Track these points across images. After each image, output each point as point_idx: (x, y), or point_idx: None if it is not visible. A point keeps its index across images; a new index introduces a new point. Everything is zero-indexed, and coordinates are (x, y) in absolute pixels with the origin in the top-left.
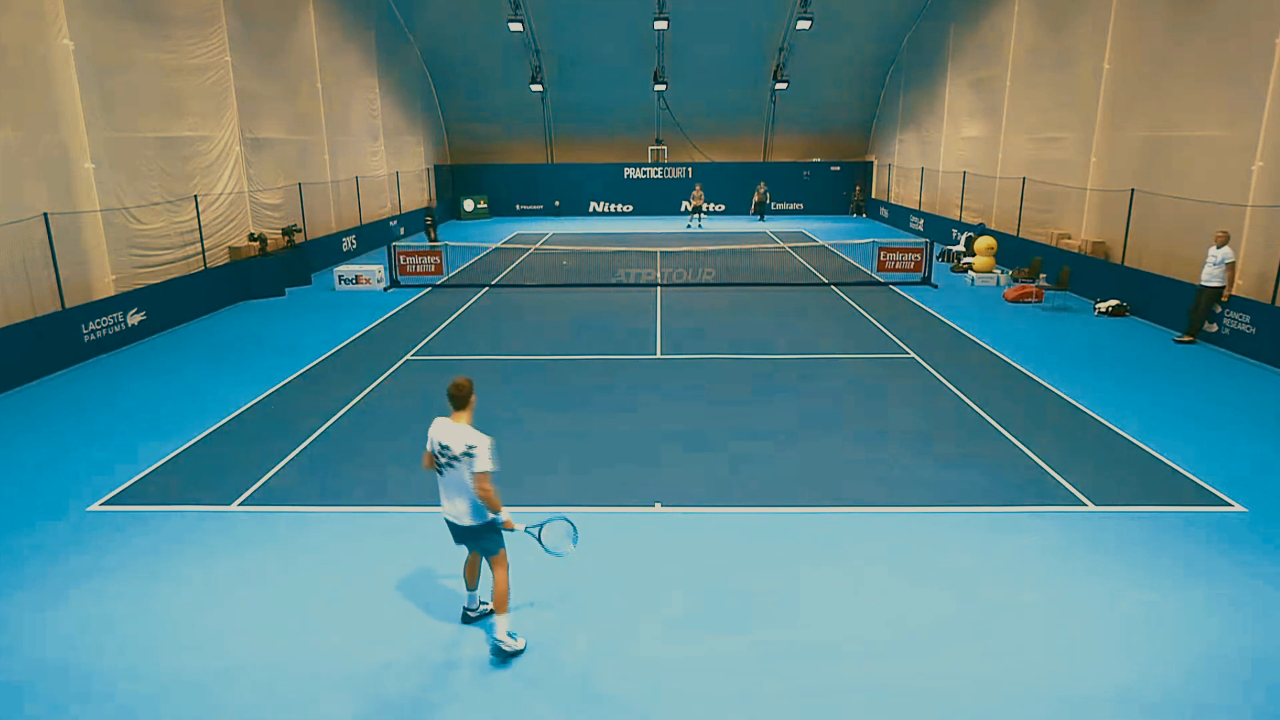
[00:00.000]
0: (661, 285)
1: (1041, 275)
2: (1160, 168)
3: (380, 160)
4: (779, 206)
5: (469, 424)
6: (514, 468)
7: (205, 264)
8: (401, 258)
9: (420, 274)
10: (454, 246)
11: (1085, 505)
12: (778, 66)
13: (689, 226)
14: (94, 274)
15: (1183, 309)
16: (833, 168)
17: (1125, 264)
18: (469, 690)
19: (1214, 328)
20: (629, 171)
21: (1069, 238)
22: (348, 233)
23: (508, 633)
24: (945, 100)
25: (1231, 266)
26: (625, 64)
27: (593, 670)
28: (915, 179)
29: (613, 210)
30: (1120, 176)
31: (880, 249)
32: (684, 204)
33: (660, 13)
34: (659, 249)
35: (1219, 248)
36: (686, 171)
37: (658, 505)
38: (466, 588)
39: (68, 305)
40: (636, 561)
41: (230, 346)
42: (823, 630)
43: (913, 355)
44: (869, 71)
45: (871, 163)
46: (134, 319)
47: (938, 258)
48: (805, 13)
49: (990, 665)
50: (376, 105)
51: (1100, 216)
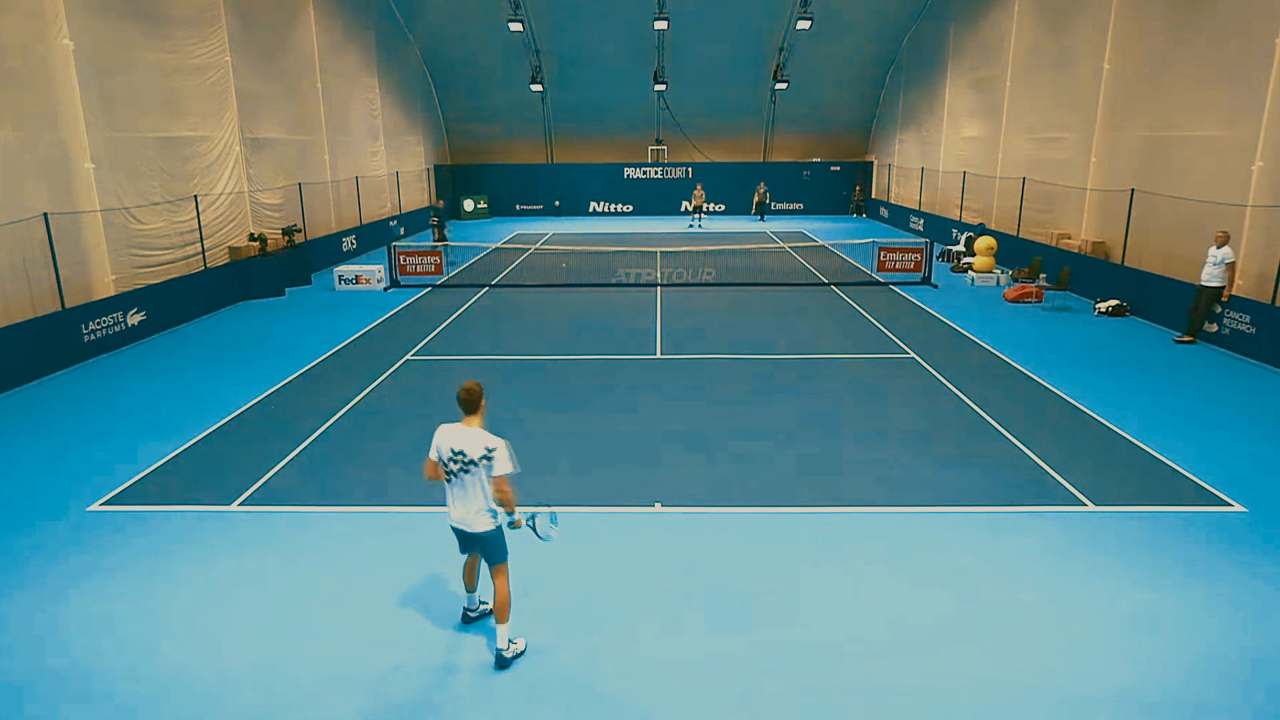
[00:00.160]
0: (661, 285)
1: (1041, 275)
2: (1160, 168)
3: (380, 160)
4: (779, 206)
5: (482, 427)
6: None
7: (205, 264)
8: (401, 258)
9: (420, 274)
10: (454, 246)
11: (1085, 505)
12: (778, 66)
13: (691, 226)
14: (94, 274)
15: (1183, 309)
16: (833, 168)
17: (1125, 264)
18: (469, 690)
19: (1214, 328)
20: (629, 171)
21: (1069, 238)
22: (348, 233)
23: (509, 639)
24: (945, 100)
25: (1231, 266)
26: (625, 64)
27: (593, 670)
28: (915, 179)
29: (613, 210)
30: (1120, 176)
31: (880, 249)
32: (684, 204)
33: (660, 13)
34: (659, 249)
35: (1219, 248)
36: (686, 171)
37: (658, 505)
38: (466, 590)
39: (68, 305)
40: (636, 561)
41: (230, 346)
42: (823, 630)
43: (913, 355)
44: (869, 71)
45: (871, 163)
46: (134, 319)
47: (938, 258)
48: (805, 13)
49: (990, 665)
50: (376, 105)
51: (1100, 216)
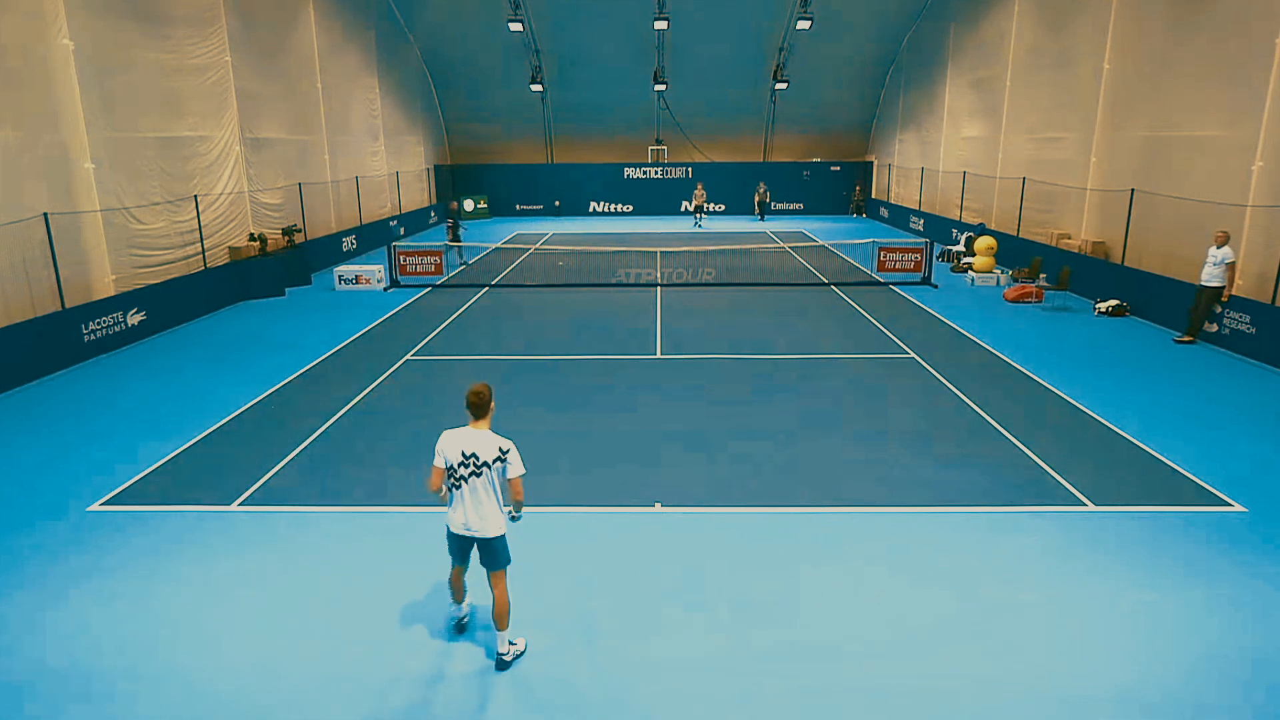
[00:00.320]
0: (661, 285)
1: (1041, 275)
2: (1160, 168)
3: (380, 160)
4: (779, 206)
5: (489, 429)
6: None
7: (205, 264)
8: (401, 258)
9: (420, 274)
10: (454, 246)
11: (1085, 505)
12: (778, 66)
13: (697, 226)
14: (94, 274)
15: (1183, 309)
16: (833, 168)
17: (1125, 264)
18: (470, 690)
19: (1214, 328)
20: (629, 171)
21: (1069, 238)
22: (348, 233)
23: (509, 640)
24: (945, 100)
25: (1231, 266)
26: (625, 64)
27: (593, 670)
28: (915, 179)
29: (613, 210)
30: (1120, 176)
31: (880, 249)
32: (684, 204)
33: (660, 13)
34: (659, 249)
35: (1219, 248)
36: (686, 171)
37: (658, 505)
38: (453, 599)
39: (68, 305)
40: (636, 561)
41: (230, 346)
42: (823, 630)
43: (913, 355)
44: (869, 71)
45: (871, 163)
46: (134, 319)
47: (938, 258)
48: (805, 13)
49: (990, 665)
50: (376, 105)
51: (1100, 216)
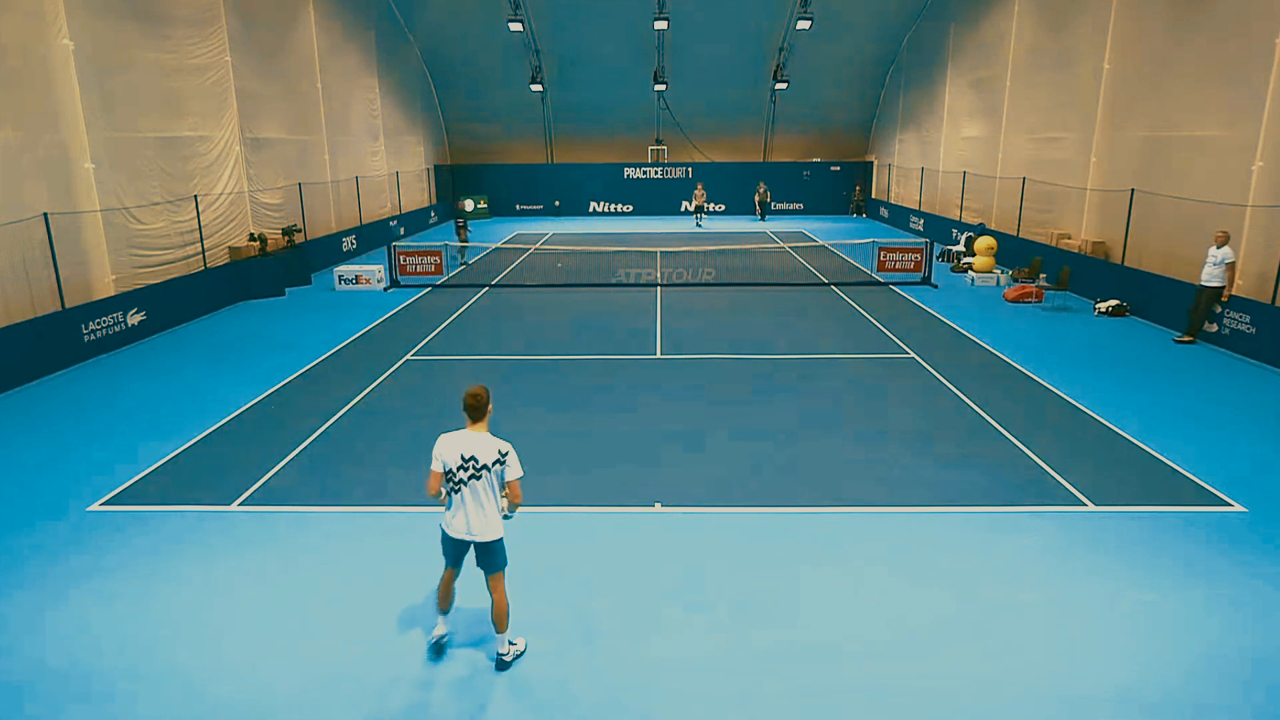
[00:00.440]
0: (661, 285)
1: (1041, 275)
2: (1160, 168)
3: (380, 160)
4: (779, 206)
5: (487, 432)
6: None
7: (205, 264)
8: (401, 258)
9: (420, 274)
10: (454, 246)
11: (1085, 505)
12: (778, 66)
13: (697, 225)
14: (94, 274)
15: (1183, 309)
16: (833, 168)
17: (1125, 264)
18: (470, 690)
19: (1214, 328)
20: (629, 171)
21: (1069, 238)
22: (348, 233)
23: (509, 640)
24: (945, 100)
25: (1231, 266)
26: (625, 64)
27: (593, 671)
28: (915, 179)
29: (613, 210)
30: (1120, 176)
31: (880, 249)
32: (684, 204)
33: (660, 13)
34: (659, 249)
35: (1219, 248)
36: (686, 171)
37: (658, 505)
38: (439, 607)
39: (68, 305)
40: (636, 561)
41: (230, 346)
42: (823, 630)
43: (913, 355)
44: (869, 71)
45: (871, 163)
46: (134, 319)
47: (938, 258)
48: (805, 13)
49: (990, 665)
50: (376, 105)
51: (1100, 216)
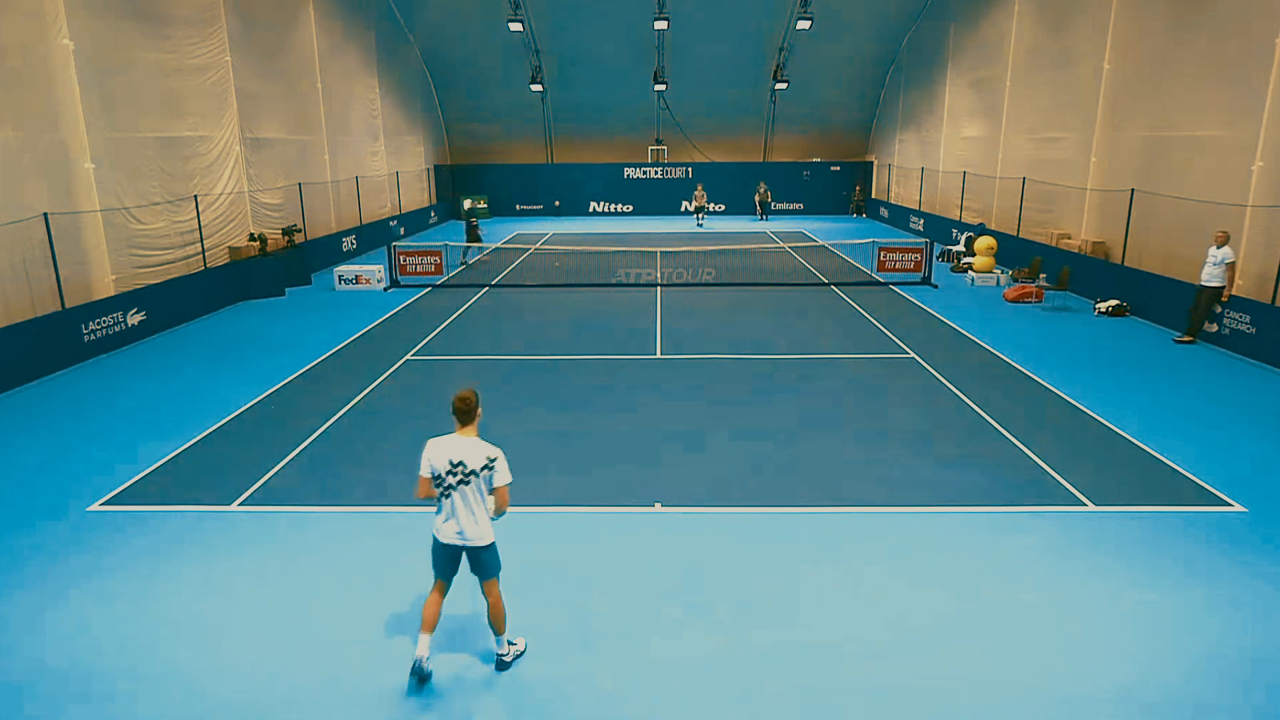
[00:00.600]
0: (661, 285)
1: (1041, 275)
2: (1160, 168)
3: (380, 160)
4: (779, 206)
5: (477, 436)
6: (513, 468)
7: (205, 264)
8: (401, 258)
9: (420, 274)
10: (454, 246)
11: (1085, 505)
12: (778, 66)
13: (698, 225)
14: (94, 274)
15: (1183, 309)
16: (833, 168)
17: (1125, 264)
18: (469, 690)
19: (1214, 328)
20: (629, 171)
21: (1069, 238)
22: (348, 233)
23: (508, 640)
24: (945, 100)
25: (1231, 266)
26: (625, 64)
27: (592, 671)
28: (915, 179)
29: (613, 210)
30: (1120, 176)
31: (880, 249)
32: (684, 204)
33: (660, 13)
34: (659, 249)
35: (1219, 248)
36: (686, 171)
37: (658, 505)
38: (422, 628)
39: (68, 305)
40: (636, 561)
41: (230, 346)
42: (823, 630)
43: (913, 355)
44: (869, 71)
45: (871, 163)
46: (134, 319)
47: (938, 258)
48: (805, 13)
49: (990, 665)
50: (376, 105)
51: (1100, 216)
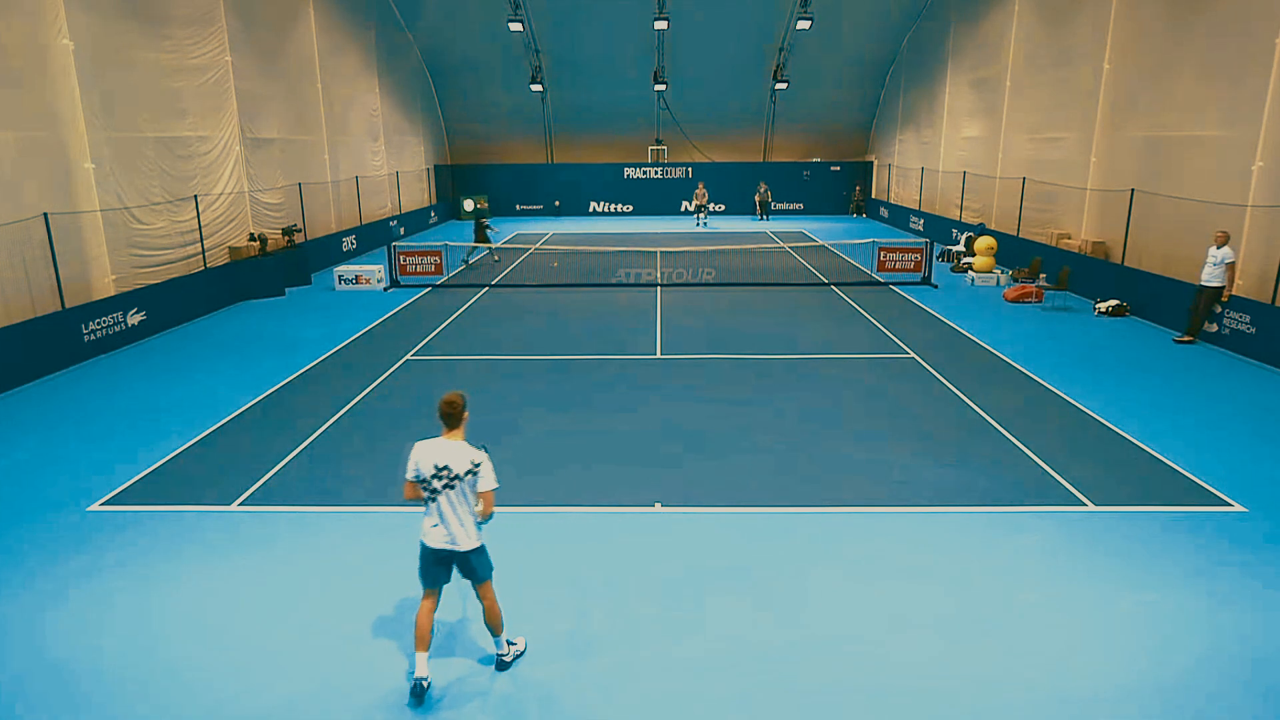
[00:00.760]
0: (661, 285)
1: (1041, 275)
2: (1160, 168)
3: (380, 160)
4: (779, 206)
5: (463, 440)
6: (514, 467)
7: (205, 264)
8: (401, 258)
9: (420, 274)
10: (454, 246)
11: (1085, 505)
12: (778, 66)
13: (699, 225)
14: (94, 274)
15: (1183, 309)
16: (833, 168)
17: (1125, 264)
18: (469, 690)
19: (1214, 328)
20: (629, 171)
21: (1069, 238)
22: (348, 233)
23: (508, 640)
24: (945, 100)
25: (1231, 266)
26: (625, 64)
27: (592, 671)
28: (915, 179)
29: (613, 210)
30: (1120, 176)
31: (880, 249)
32: (684, 204)
33: (660, 13)
34: (659, 249)
35: (1219, 248)
36: (686, 171)
37: (658, 505)
38: (417, 647)
39: (68, 305)
40: (636, 561)
41: (230, 346)
42: (822, 629)
43: (913, 355)
44: (869, 71)
45: (871, 163)
46: (134, 319)
47: (938, 258)
48: (805, 13)
49: (990, 665)
50: (376, 105)
51: (1100, 216)
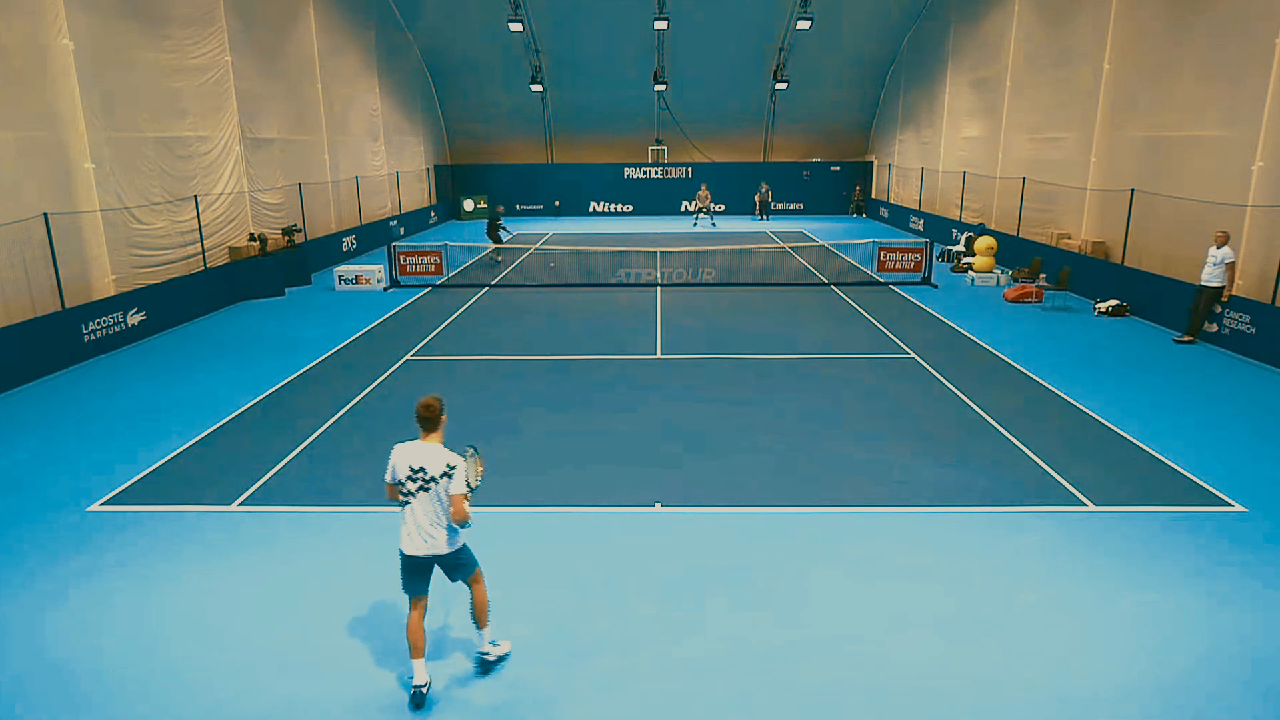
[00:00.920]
0: (661, 285)
1: (1041, 275)
2: (1160, 168)
3: (380, 160)
4: (779, 206)
5: (441, 444)
6: (513, 467)
7: (205, 264)
8: (401, 258)
9: (420, 274)
10: (454, 246)
11: (1085, 505)
12: (778, 66)
13: (696, 225)
14: (94, 274)
15: (1183, 309)
16: (833, 168)
17: (1125, 264)
18: (470, 690)
19: (1214, 328)
20: (629, 171)
21: (1069, 238)
22: (348, 233)
23: (491, 640)
24: (945, 100)
25: (1231, 266)
26: (625, 64)
27: (592, 670)
28: (915, 179)
29: (613, 210)
30: (1120, 176)
31: (880, 249)
32: (684, 204)
33: (660, 13)
34: (659, 249)
35: (1219, 248)
36: (686, 171)
37: (658, 505)
38: (411, 654)
39: (68, 305)
40: (636, 561)
41: (230, 346)
42: (822, 629)
43: (913, 355)
44: (869, 71)
45: (871, 163)
46: (134, 319)
47: (938, 258)
48: (805, 13)
49: (990, 665)
50: (376, 105)
51: (1100, 216)
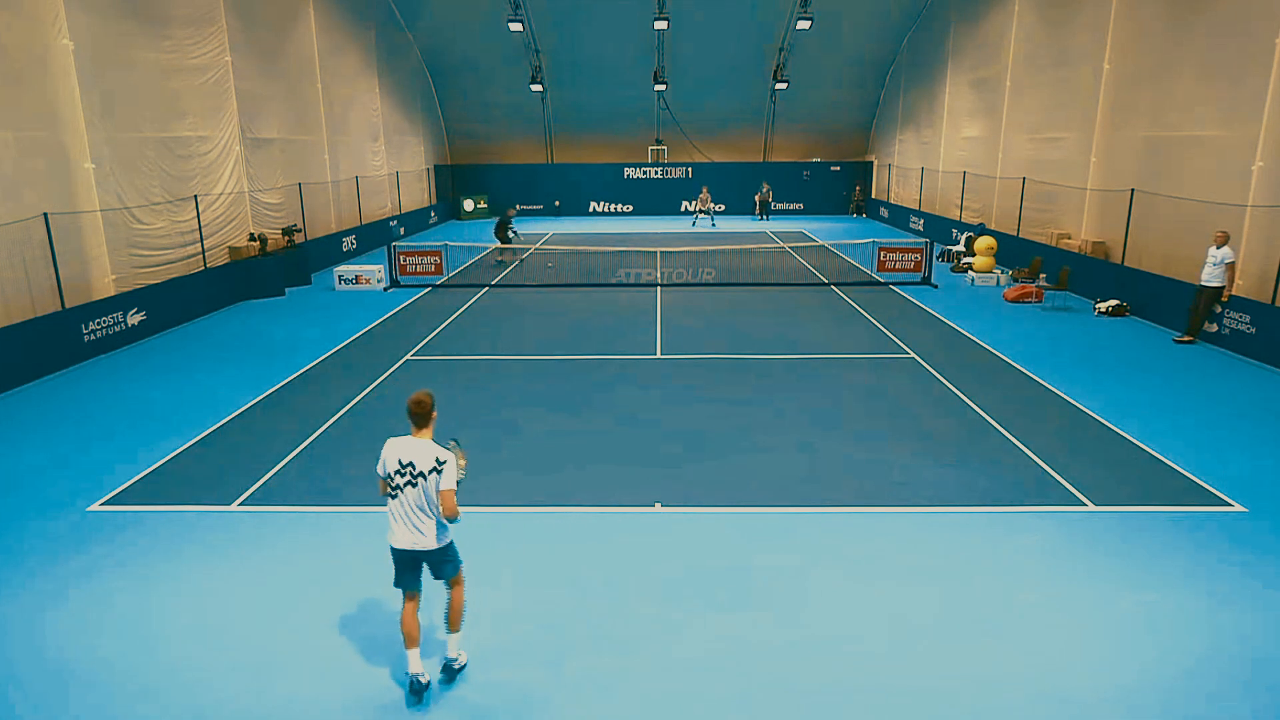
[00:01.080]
0: (661, 285)
1: (1041, 275)
2: (1160, 168)
3: (380, 160)
4: (779, 206)
5: (431, 439)
6: (513, 467)
7: (205, 264)
8: (401, 258)
9: (420, 274)
10: (454, 246)
11: (1085, 505)
12: (778, 66)
13: (705, 224)
14: (94, 274)
15: (1183, 309)
16: (833, 168)
17: (1125, 264)
18: (470, 690)
19: (1214, 328)
20: (629, 171)
21: (1069, 238)
22: (348, 233)
23: (459, 646)
24: (945, 100)
25: (1231, 266)
26: (625, 64)
27: (591, 671)
28: (915, 179)
29: (613, 210)
30: (1120, 176)
31: (880, 249)
32: (684, 204)
33: (660, 13)
34: (659, 249)
35: (1219, 248)
36: (686, 171)
37: (658, 505)
38: (407, 646)
39: (68, 305)
40: (636, 561)
41: (230, 346)
42: (822, 630)
43: (913, 355)
44: (869, 71)
45: (871, 163)
46: (134, 319)
47: (938, 258)
48: (805, 13)
49: (990, 665)
50: (376, 105)
51: (1100, 216)
